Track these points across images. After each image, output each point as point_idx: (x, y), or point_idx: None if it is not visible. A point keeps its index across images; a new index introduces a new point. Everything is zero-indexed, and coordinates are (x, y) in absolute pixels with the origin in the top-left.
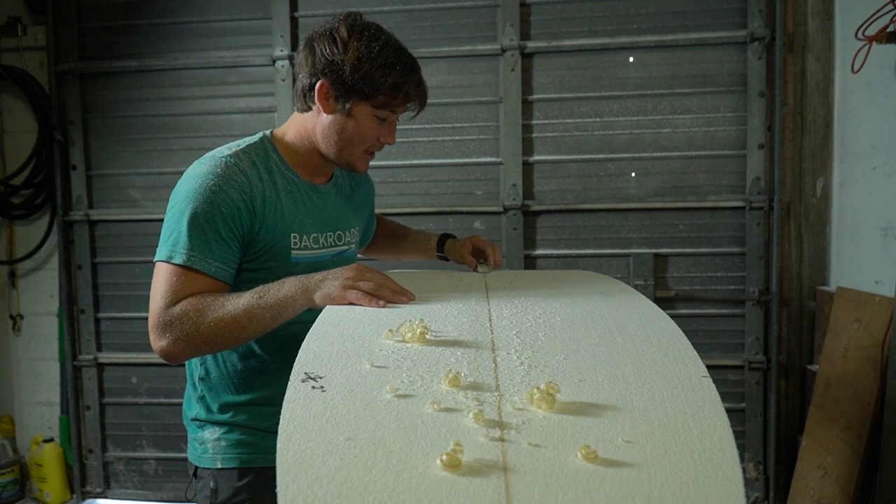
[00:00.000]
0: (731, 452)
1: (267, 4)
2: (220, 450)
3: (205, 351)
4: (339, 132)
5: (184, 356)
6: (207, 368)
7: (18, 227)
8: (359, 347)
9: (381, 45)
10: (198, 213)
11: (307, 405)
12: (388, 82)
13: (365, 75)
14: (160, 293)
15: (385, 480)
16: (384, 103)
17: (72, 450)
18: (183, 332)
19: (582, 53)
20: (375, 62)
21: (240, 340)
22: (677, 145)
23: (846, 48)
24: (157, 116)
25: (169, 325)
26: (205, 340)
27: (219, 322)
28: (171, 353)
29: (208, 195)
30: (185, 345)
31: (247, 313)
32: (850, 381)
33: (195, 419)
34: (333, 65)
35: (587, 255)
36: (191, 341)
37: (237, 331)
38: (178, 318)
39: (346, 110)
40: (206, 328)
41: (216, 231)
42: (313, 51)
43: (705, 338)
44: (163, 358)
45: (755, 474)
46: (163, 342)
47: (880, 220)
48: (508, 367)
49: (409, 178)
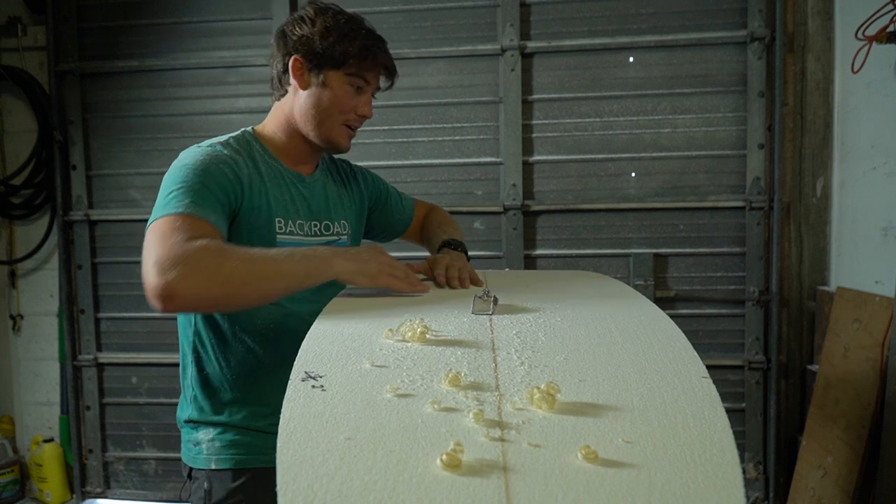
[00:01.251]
0: (732, 453)
1: (267, 4)
2: (214, 450)
3: (217, 299)
4: (316, 104)
5: (189, 299)
6: (201, 366)
7: (18, 227)
8: (359, 347)
9: (346, 17)
10: (190, 180)
11: (307, 404)
12: (356, 45)
13: (334, 42)
14: (163, 238)
15: (385, 480)
16: (356, 69)
17: (72, 450)
18: (199, 267)
19: (582, 53)
20: (342, 30)
21: (260, 293)
22: (677, 145)
23: (846, 48)
24: (157, 116)
25: (180, 260)
26: (223, 283)
27: (244, 264)
28: (176, 290)
29: (199, 167)
30: (198, 283)
31: (276, 264)
32: (850, 381)
33: (189, 420)
34: (303, 39)
35: (587, 255)
36: (205, 279)
37: (261, 281)
38: (194, 252)
39: (321, 81)
40: (229, 268)
41: (211, 192)
42: (284, 35)
43: (705, 338)
44: (160, 299)
45: (755, 474)
46: (168, 276)
47: (880, 220)
48: (508, 367)
49: (409, 178)
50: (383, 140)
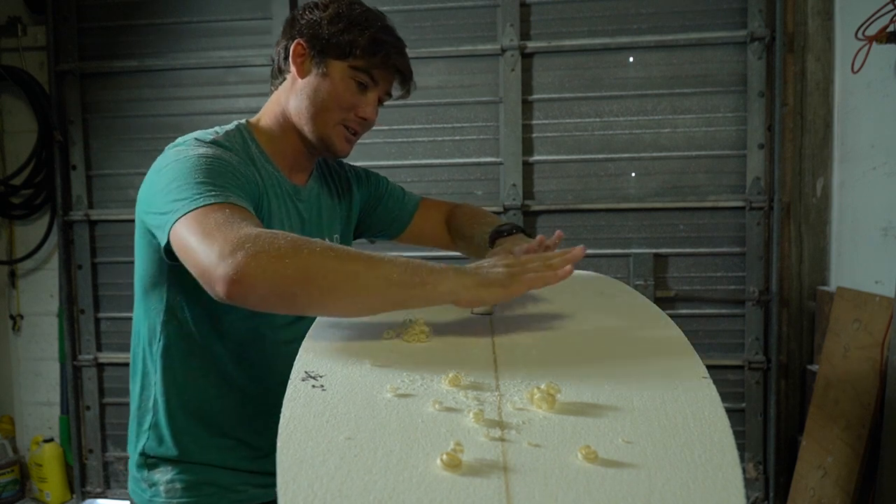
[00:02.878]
0: (732, 453)
1: (267, 4)
2: (175, 493)
3: (292, 287)
4: (313, 95)
5: (263, 283)
6: (165, 390)
7: (18, 227)
8: (359, 347)
9: (363, 8)
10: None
11: (307, 404)
12: (365, 36)
13: (342, 29)
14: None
15: (385, 480)
16: (362, 64)
17: (72, 450)
18: (273, 248)
19: (582, 53)
20: (354, 19)
21: (348, 296)
22: (677, 145)
23: (846, 48)
24: (157, 116)
25: (249, 240)
26: (302, 270)
27: (331, 252)
28: (248, 269)
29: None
30: (273, 265)
31: (373, 264)
32: (850, 381)
33: (143, 454)
34: (311, 24)
35: (587, 255)
36: (280, 262)
37: (351, 280)
38: (265, 235)
39: (322, 71)
40: (308, 253)
41: (237, 181)
42: (293, 19)
43: (705, 338)
44: (227, 281)
45: (755, 474)
46: (237, 256)
47: (880, 220)
48: (508, 367)
49: (409, 178)
50: (383, 140)
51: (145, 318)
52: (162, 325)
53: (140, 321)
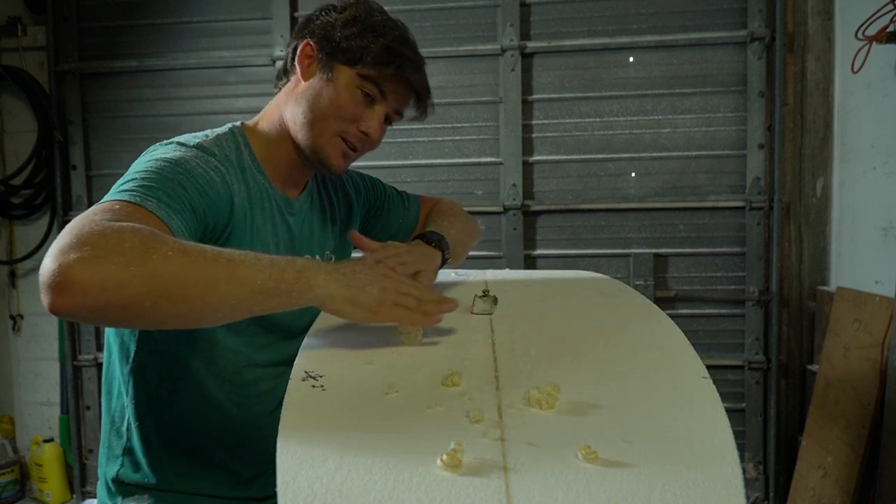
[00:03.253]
0: (731, 453)
1: (267, 4)
2: None
3: (132, 299)
4: (313, 99)
5: (92, 292)
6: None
7: (18, 227)
8: (359, 347)
9: (384, 16)
10: (164, 173)
11: (307, 404)
12: (379, 44)
13: (355, 34)
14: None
15: (385, 480)
16: (372, 73)
17: (72, 450)
18: (116, 250)
19: (582, 53)
20: (370, 25)
21: (200, 304)
22: (677, 145)
23: (846, 48)
24: (157, 116)
25: (92, 240)
26: (147, 277)
27: (184, 255)
28: (75, 276)
29: (182, 164)
30: (109, 270)
31: (230, 266)
32: (850, 381)
33: (117, 480)
34: (324, 25)
35: (587, 255)
36: (121, 267)
37: (206, 285)
38: (116, 231)
39: (327, 75)
40: (160, 257)
41: (188, 197)
42: (308, 20)
43: (705, 338)
44: (49, 289)
45: (755, 474)
46: (69, 256)
47: (880, 220)
48: (509, 367)
49: (409, 178)
50: (383, 140)
51: (118, 336)
52: (136, 344)
53: (112, 341)
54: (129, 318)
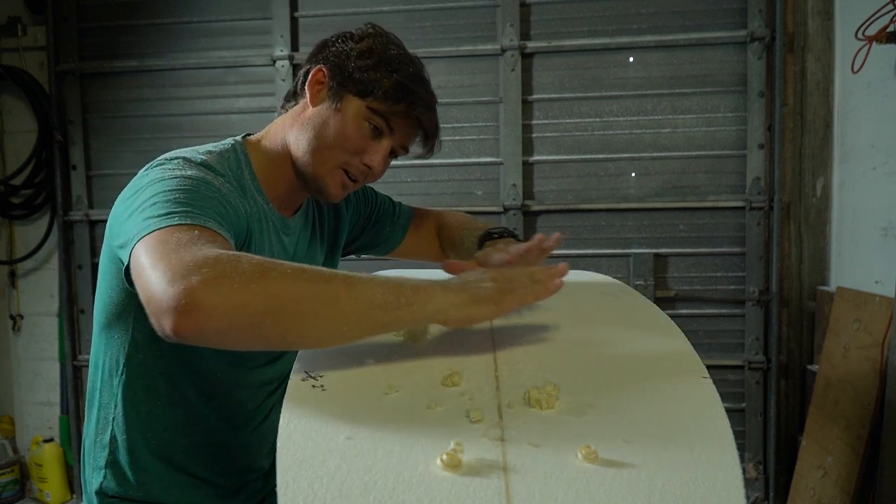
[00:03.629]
0: (731, 453)
1: (267, 4)
2: None
3: (258, 317)
4: (319, 127)
5: (220, 314)
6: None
7: (18, 227)
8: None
9: (400, 51)
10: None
11: (307, 404)
12: (392, 79)
13: (369, 66)
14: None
15: (385, 480)
16: (381, 107)
17: (72, 450)
18: (235, 272)
19: (582, 53)
20: (385, 58)
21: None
22: (677, 145)
23: (846, 48)
24: (157, 116)
25: (207, 263)
26: (269, 296)
27: (302, 273)
28: (201, 298)
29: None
30: (233, 290)
31: (346, 281)
32: (850, 381)
33: (101, 492)
34: (339, 53)
35: (587, 255)
36: (243, 287)
37: (328, 304)
38: (226, 256)
39: (336, 105)
40: (278, 276)
41: (224, 210)
42: (324, 44)
43: (705, 338)
44: (175, 313)
45: (755, 474)
46: (191, 280)
47: (880, 220)
48: (509, 367)
49: (409, 178)
50: None
51: (107, 349)
52: (126, 357)
53: (100, 352)
54: (251, 339)
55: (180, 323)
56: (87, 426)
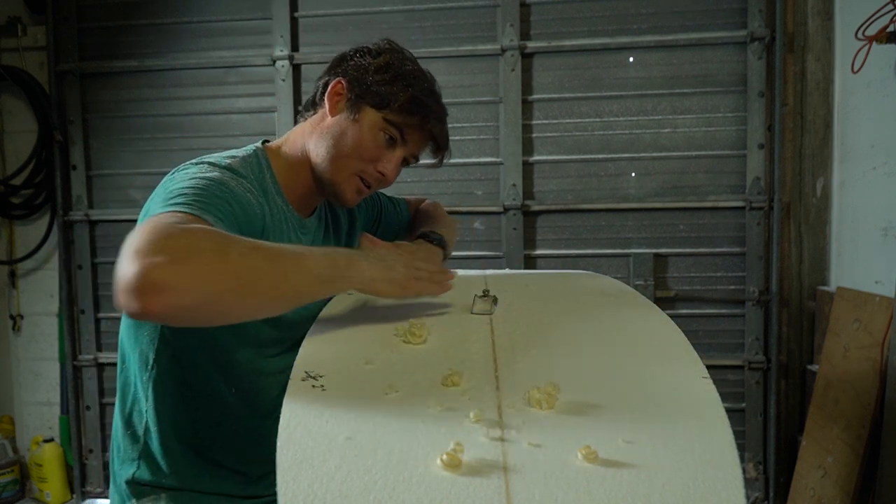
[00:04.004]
0: (731, 453)
1: (267, 4)
2: None
3: (219, 295)
4: (338, 136)
5: (181, 292)
6: (161, 420)
7: (18, 227)
8: (359, 347)
9: (415, 66)
10: (210, 189)
11: (307, 404)
12: (407, 94)
13: (386, 80)
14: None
15: (385, 480)
16: (397, 119)
17: (72, 450)
18: (197, 251)
19: (582, 53)
20: (402, 73)
21: (278, 294)
22: (677, 145)
23: (846, 48)
24: (157, 116)
25: (170, 242)
26: (230, 273)
27: (257, 251)
28: (163, 278)
29: (222, 181)
30: (195, 270)
31: (296, 258)
32: (850, 381)
33: (133, 481)
34: (358, 67)
35: (587, 255)
36: (205, 266)
37: (281, 276)
38: (191, 233)
39: (354, 115)
40: (238, 254)
41: (230, 209)
42: (343, 58)
43: (705, 338)
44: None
45: (755, 474)
46: (154, 259)
47: (880, 220)
48: (508, 367)
49: (409, 178)
50: None
51: (136, 345)
52: (155, 353)
53: (129, 348)
54: (214, 314)
55: (146, 301)
56: (116, 420)
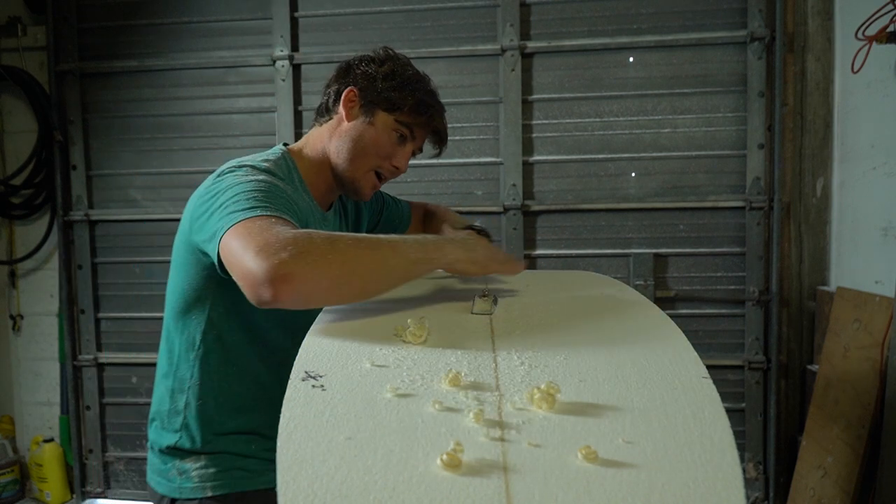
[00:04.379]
0: (732, 453)
1: (267, 4)
2: (208, 477)
3: (336, 280)
4: (356, 139)
5: (307, 280)
6: (202, 394)
7: (18, 227)
8: (359, 346)
9: (414, 70)
10: (270, 189)
11: (307, 404)
12: (415, 97)
13: (395, 86)
14: (258, 231)
15: (385, 480)
16: (407, 120)
17: (72, 450)
18: (312, 247)
19: (582, 53)
20: (407, 79)
21: (380, 277)
22: (677, 145)
23: (846, 48)
24: (157, 116)
25: (289, 242)
26: (341, 263)
27: (358, 243)
28: (292, 270)
29: (275, 182)
30: (315, 261)
31: (391, 246)
32: (850, 381)
33: (175, 448)
34: (366, 75)
35: (587, 255)
36: (321, 259)
37: (381, 262)
38: (302, 235)
39: (369, 119)
40: (343, 246)
41: (292, 206)
42: (349, 67)
43: (705, 338)
44: (273, 282)
45: (755, 474)
46: (281, 256)
47: (880, 220)
48: (508, 367)
49: (409, 178)
50: None
51: (184, 328)
52: (202, 335)
53: (175, 331)
54: (331, 297)
55: (277, 290)
56: (161, 395)
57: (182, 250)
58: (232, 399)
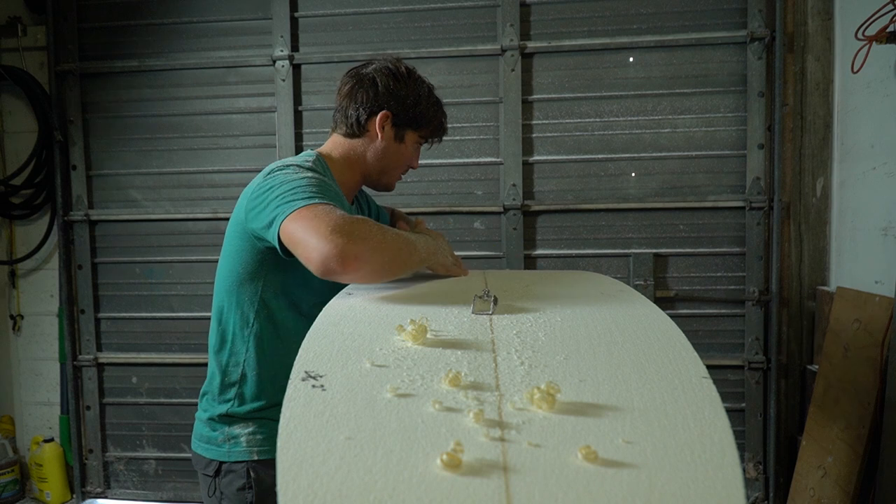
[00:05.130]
0: (732, 453)
1: (267, 4)
2: (256, 442)
3: (386, 264)
4: (390, 156)
5: (368, 260)
6: (256, 365)
7: (18, 227)
8: (359, 346)
9: (428, 88)
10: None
11: (307, 404)
12: (437, 119)
13: (423, 111)
14: (321, 215)
15: (385, 480)
16: (427, 135)
17: (72, 450)
18: (369, 232)
19: (582, 53)
20: (432, 102)
21: (408, 265)
22: (677, 145)
23: (846, 48)
24: (157, 116)
25: (351, 227)
26: (388, 248)
27: (398, 235)
28: (358, 250)
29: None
30: (373, 245)
31: (409, 238)
32: (850, 381)
33: (226, 415)
34: (397, 97)
35: (587, 255)
36: (376, 243)
37: (409, 253)
38: (360, 221)
39: (399, 137)
40: (391, 236)
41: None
42: (375, 83)
43: (705, 338)
44: (343, 259)
45: (755, 474)
46: (348, 237)
47: (880, 220)
48: (509, 367)
49: (410, 177)
50: None
51: (237, 307)
52: (255, 313)
53: (229, 309)
54: (381, 275)
55: (346, 266)
56: (214, 367)
57: (235, 239)
58: (283, 372)
